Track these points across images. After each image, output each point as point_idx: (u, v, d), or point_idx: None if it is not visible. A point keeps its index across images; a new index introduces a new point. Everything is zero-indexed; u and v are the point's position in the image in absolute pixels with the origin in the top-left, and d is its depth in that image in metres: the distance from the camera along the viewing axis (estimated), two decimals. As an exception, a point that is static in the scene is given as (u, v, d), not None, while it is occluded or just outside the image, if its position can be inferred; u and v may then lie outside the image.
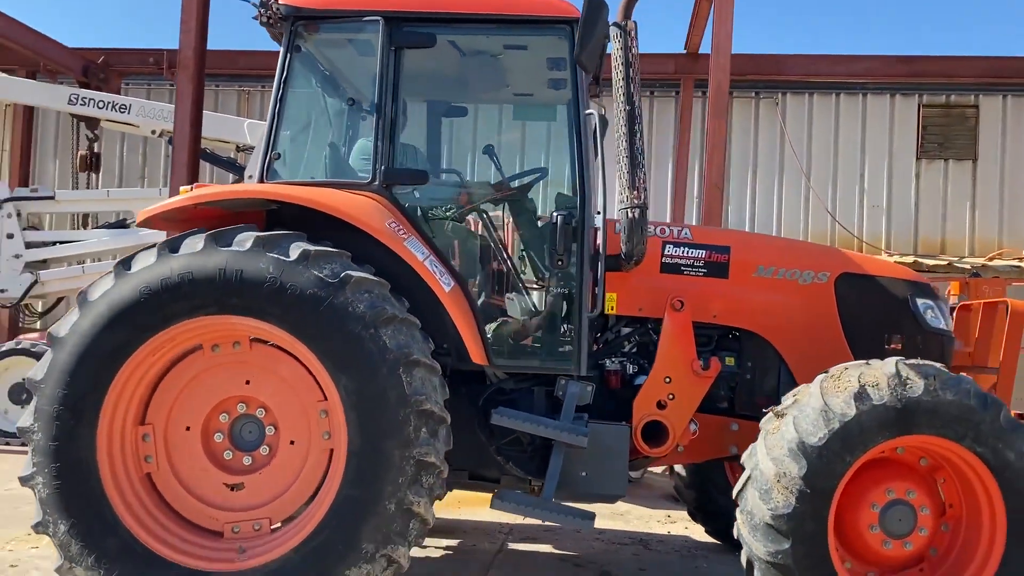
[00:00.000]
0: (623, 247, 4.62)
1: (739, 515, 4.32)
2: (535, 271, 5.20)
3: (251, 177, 5.19)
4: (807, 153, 14.41)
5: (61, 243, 11.65)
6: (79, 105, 11.95)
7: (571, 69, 4.81)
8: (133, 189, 14.49)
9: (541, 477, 4.71)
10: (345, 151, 5.09)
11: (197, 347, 4.44)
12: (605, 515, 8.13)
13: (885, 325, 5.15)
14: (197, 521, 4.52)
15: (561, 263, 4.73)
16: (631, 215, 4.51)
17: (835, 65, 14.19)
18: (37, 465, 4.25)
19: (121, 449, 4.37)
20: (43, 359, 4.31)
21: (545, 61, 5.25)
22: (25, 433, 4.29)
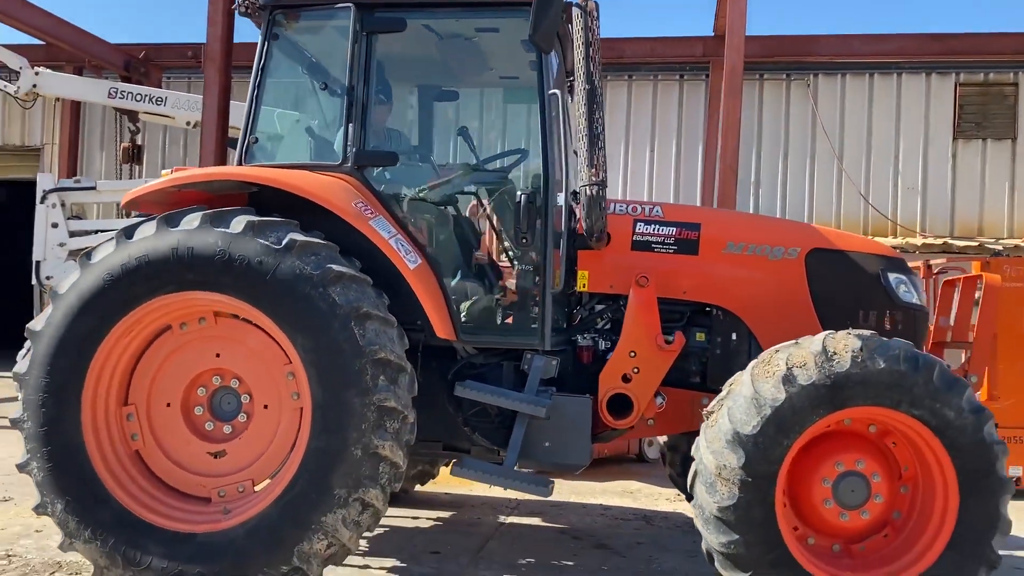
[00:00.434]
0: (583, 224, 4.73)
1: (693, 508, 4.38)
2: (508, 250, 5.34)
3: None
4: (839, 135, 14.20)
5: (103, 232, 12.16)
6: (118, 98, 12.46)
7: (536, 50, 4.91)
8: (171, 179, 14.97)
9: (507, 447, 4.86)
10: (321, 135, 5.28)
11: (167, 327, 4.70)
12: (616, 492, 8.27)
13: (856, 300, 5.16)
14: (186, 490, 4.78)
15: (525, 241, 4.85)
16: (590, 192, 4.61)
17: (868, 44, 13.94)
18: (31, 451, 4.56)
19: (107, 429, 4.65)
20: (27, 353, 4.62)
21: (521, 44, 5.36)
22: (18, 424, 4.61)
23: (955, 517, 4.19)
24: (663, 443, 6.54)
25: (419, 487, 7.46)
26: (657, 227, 5.24)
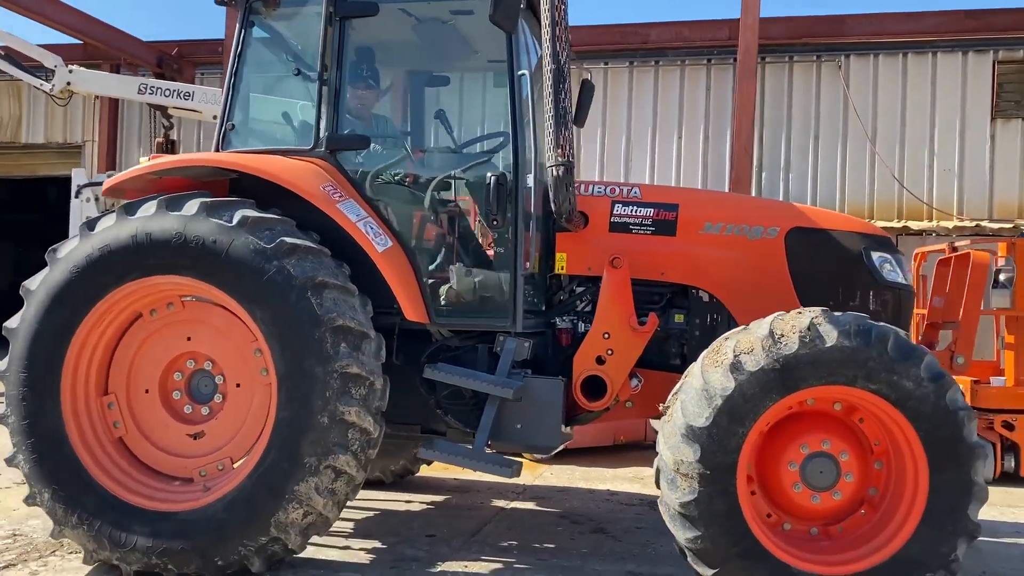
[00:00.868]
0: (552, 205, 4.70)
1: (660, 506, 4.32)
2: (485, 234, 5.34)
3: None
4: (872, 117, 13.80)
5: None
6: (147, 94, 12.75)
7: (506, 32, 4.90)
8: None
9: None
10: (297, 120, 5.33)
11: (138, 316, 4.83)
12: (626, 478, 8.23)
13: (837, 280, 5.06)
14: (169, 472, 4.93)
15: (496, 223, 4.85)
16: (556, 173, 4.58)
17: (901, 23, 13.52)
18: (16, 445, 4.73)
19: (88, 418, 4.80)
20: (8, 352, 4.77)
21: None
22: (3, 419, 4.78)
23: (927, 489, 4.08)
24: None
25: (425, 472, 7.52)
26: (635, 208, 5.19)
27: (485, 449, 4.79)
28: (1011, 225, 12.36)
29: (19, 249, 23.47)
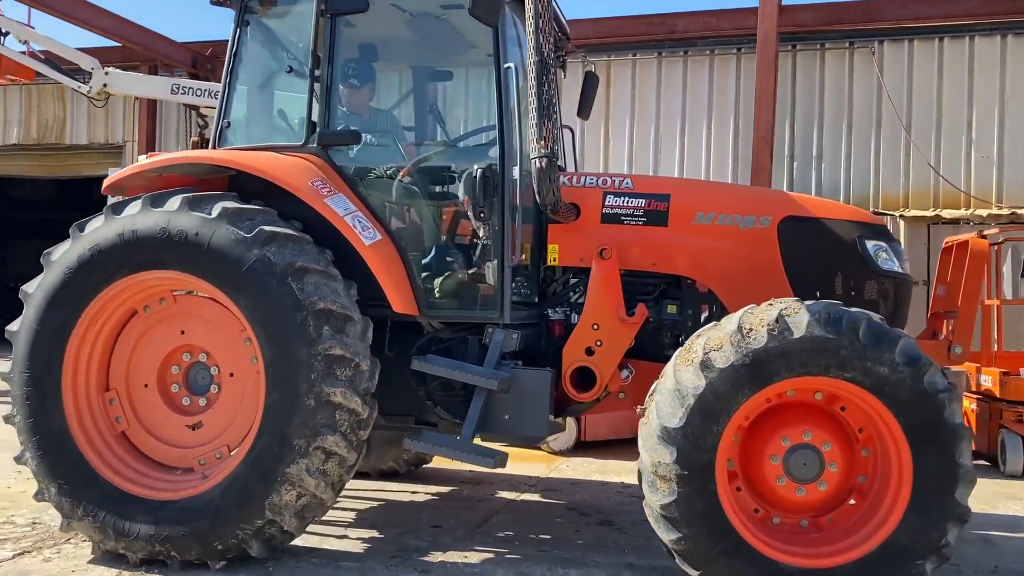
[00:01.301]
0: (536, 196, 4.72)
1: (645, 508, 4.30)
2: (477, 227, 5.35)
3: None
4: (907, 105, 13.48)
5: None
6: (180, 94, 13.03)
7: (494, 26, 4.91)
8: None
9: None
10: (292, 117, 5.41)
11: (133, 313, 4.96)
12: (642, 471, 8.19)
13: (831, 269, 4.98)
14: (171, 463, 5.06)
15: (483, 215, 4.87)
16: (539, 164, 4.59)
17: (936, 7, 13.16)
18: (23, 443, 4.90)
19: (91, 414, 4.95)
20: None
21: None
22: (9, 420, 4.96)
23: (911, 475, 4.00)
24: None
25: (439, 464, 7.57)
26: (627, 199, 5.17)
27: (474, 440, 4.82)
28: (1050, 213, 12.00)
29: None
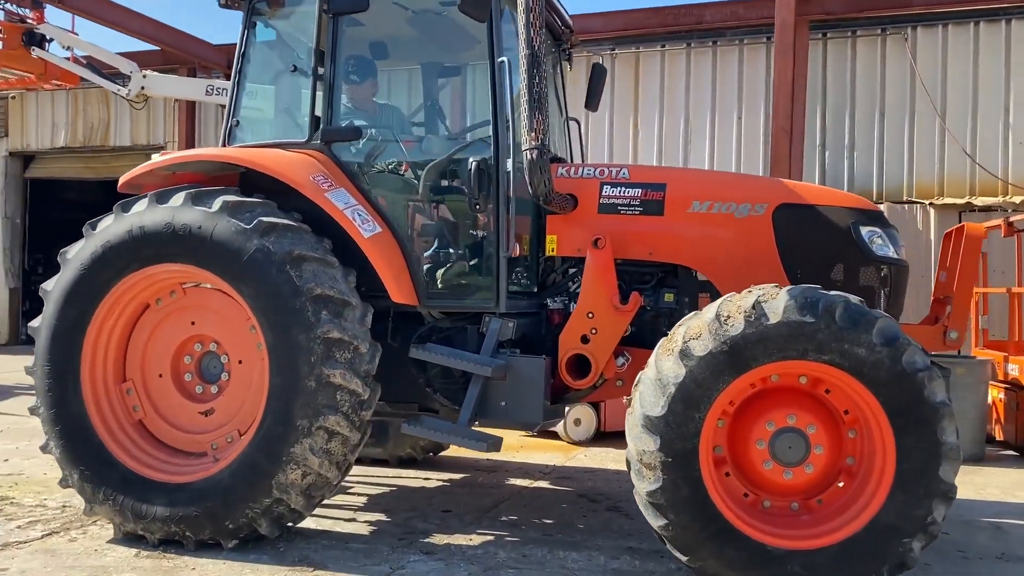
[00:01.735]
0: (529, 188, 4.81)
1: (635, 496, 4.37)
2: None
3: None
4: (941, 91, 13.25)
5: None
6: (214, 95, 13.38)
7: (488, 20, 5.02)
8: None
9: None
10: (298, 114, 5.57)
11: (146, 306, 5.19)
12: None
13: (826, 256, 4.99)
14: (186, 448, 5.29)
15: (478, 206, 4.99)
16: (530, 156, 4.68)
17: (970, -10, 12.96)
18: (48, 433, 5.18)
19: (109, 404, 5.19)
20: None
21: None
22: (34, 411, 5.23)
23: (894, 454, 4.02)
24: None
25: (455, 452, 7.70)
26: (623, 189, 5.24)
27: (471, 426, 4.94)
28: (1085, 199, 11.72)
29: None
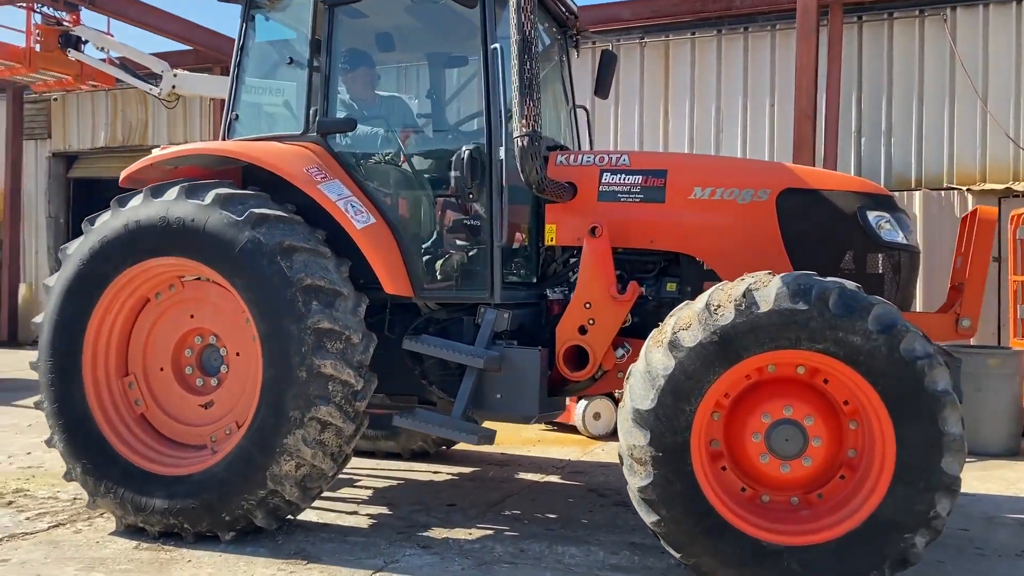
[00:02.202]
0: (521, 175, 4.72)
1: (628, 492, 4.27)
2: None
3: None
4: (982, 74, 12.80)
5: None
6: (243, 93, 13.46)
7: (480, 6, 4.94)
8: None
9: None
10: (295, 107, 5.56)
11: (146, 301, 5.21)
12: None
13: (832, 242, 4.82)
14: (187, 441, 5.32)
15: (471, 196, 4.91)
16: (521, 143, 4.59)
17: (1012, -31, 12.49)
18: (52, 427, 5.23)
19: (111, 398, 5.23)
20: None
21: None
22: (39, 406, 5.29)
23: (894, 446, 3.85)
24: None
25: (469, 446, 7.65)
26: (623, 176, 5.12)
27: (466, 419, 4.87)
28: None
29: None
